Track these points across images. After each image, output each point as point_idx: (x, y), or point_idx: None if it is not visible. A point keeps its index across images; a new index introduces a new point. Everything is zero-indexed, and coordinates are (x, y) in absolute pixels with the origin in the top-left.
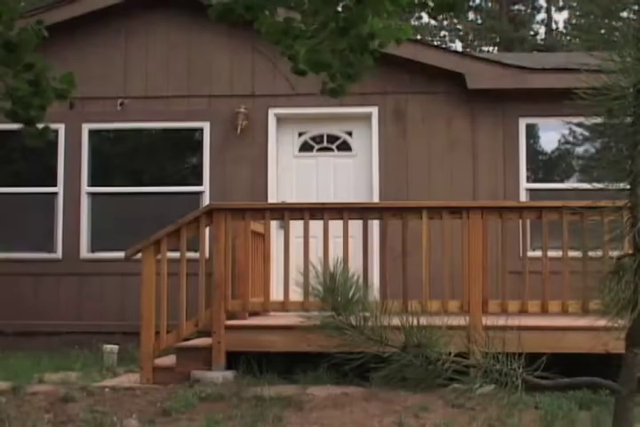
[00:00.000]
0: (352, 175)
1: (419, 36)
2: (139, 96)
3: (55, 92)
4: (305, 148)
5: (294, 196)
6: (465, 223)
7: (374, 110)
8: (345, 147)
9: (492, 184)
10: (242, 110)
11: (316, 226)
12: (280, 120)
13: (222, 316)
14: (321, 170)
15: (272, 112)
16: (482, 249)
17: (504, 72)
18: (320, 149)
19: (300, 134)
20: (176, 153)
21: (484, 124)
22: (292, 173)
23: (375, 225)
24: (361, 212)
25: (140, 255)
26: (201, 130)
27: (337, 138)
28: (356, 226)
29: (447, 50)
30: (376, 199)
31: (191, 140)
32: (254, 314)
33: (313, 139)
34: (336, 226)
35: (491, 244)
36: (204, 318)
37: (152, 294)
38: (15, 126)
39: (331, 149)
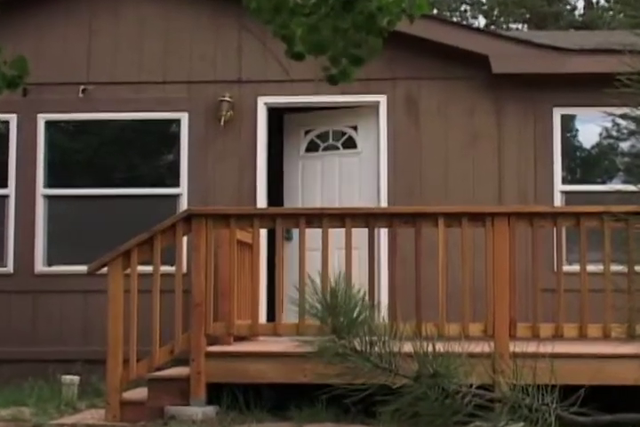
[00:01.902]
0: (357, 176)
1: (435, 11)
2: (105, 82)
3: (4, 79)
4: (311, 147)
5: (300, 201)
6: (489, 232)
7: (382, 99)
8: (350, 144)
9: (520, 186)
10: (226, 99)
11: (315, 235)
12: (285, 118)
13: (202, 341)
14: (326, 171)
15: (261, 101)
16: (509, 263)
17: (535, 54)
18: (326, 148)
19: (307, 132)
20: (149, 149)
21: (511, 116)
22: (298, 176)
23: (383, 234)
24: (366, 218)
25: (105, 269)
26: (178, 121)
27: (343, 134)
28: (360, 235)
29: (468, 27)
30: (384, 204)
31: (167, 134)
32: (240, 339)
33: (319, 137)
34: (338, 235)
35: (519, 256)
36: (180, 343)
37: (120, 315)
38: None
39: (336, 148)
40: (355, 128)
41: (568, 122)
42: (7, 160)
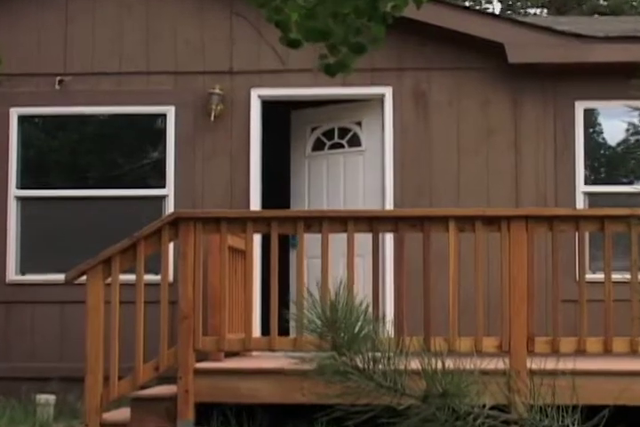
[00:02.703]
0: (361, 176)
1: None
2: (83, 72)
3: None
4: (318, 145)
5: (307, 205)
6: (505, 237)
7: (387, 92)
8: (355, 141)
9: (539, 186)
10: (216, 91)
11: (319, 242)
12: (292, 115)
13: (190, 357)
14: (332, 171)
15: (255, 93)
16: (527, 271)
17: (555, 42)
18: (331, 147)
19: (313, 130)
20: (131, 146)
21: (529, 110)
22: (304, 177)
23: (389, 239)
24: (370, 222)
25: (84, 278)
26: (163, 116)
27: (348, 131)
28: (363, 241)
29: (482, 13)
30: (390, 206)
31: (151, 130)
32: (232, 354)
33: (325, 134)
34: (342, 241)
35: (538, 264)
36: (166, 359)
37: (100, 329)
38: None
39: (341, 146)
40: (359, 124)
41: (591, 116)
42: None
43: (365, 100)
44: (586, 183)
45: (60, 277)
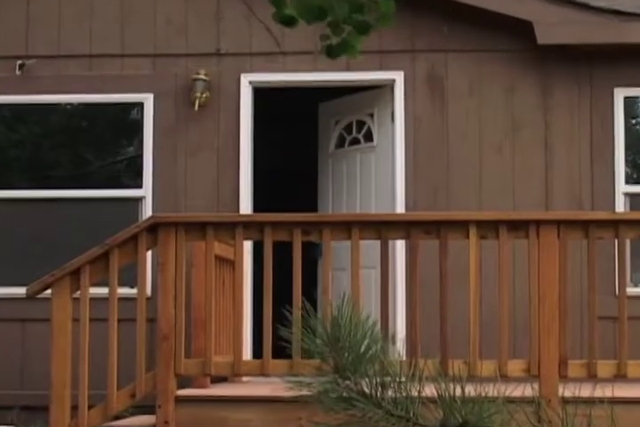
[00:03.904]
0: (373, 176)
1: None
2: (48, 55)
3: None
4: (341, 141)
5: (330, 207)
6: (533, 245)
7: (398, 77)
8: (369, 136)
9: (573, 186)
10: (201, 76)
11: (343, 250)
12: (320, 107)
13: (171, 382)
14: (350, 170)
15: (246, 79)
16: (558, 283)
17: (592, 20)
18: (351, 142)
19: (336, 123)
20: (103, 140)
21: (561, 98)
22: (328, 177)
23: (400, 247)
24: (378, 228)
25: (49, 292)
26: (140, 105)
27: (363, 124)
28: (371, 249)
29: None
30: (401, 209)
31: (126, 121)
32: (219, 380)
33: (345, 128)
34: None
35: (572, 275)
36: (143, 385)
37: (67, 350)
38: None
39: (358, 141)
40: (371, 116)
41: (633, 105)
42: None
43: (378, 87)
44: (627, 182)
45: (22, 290)
